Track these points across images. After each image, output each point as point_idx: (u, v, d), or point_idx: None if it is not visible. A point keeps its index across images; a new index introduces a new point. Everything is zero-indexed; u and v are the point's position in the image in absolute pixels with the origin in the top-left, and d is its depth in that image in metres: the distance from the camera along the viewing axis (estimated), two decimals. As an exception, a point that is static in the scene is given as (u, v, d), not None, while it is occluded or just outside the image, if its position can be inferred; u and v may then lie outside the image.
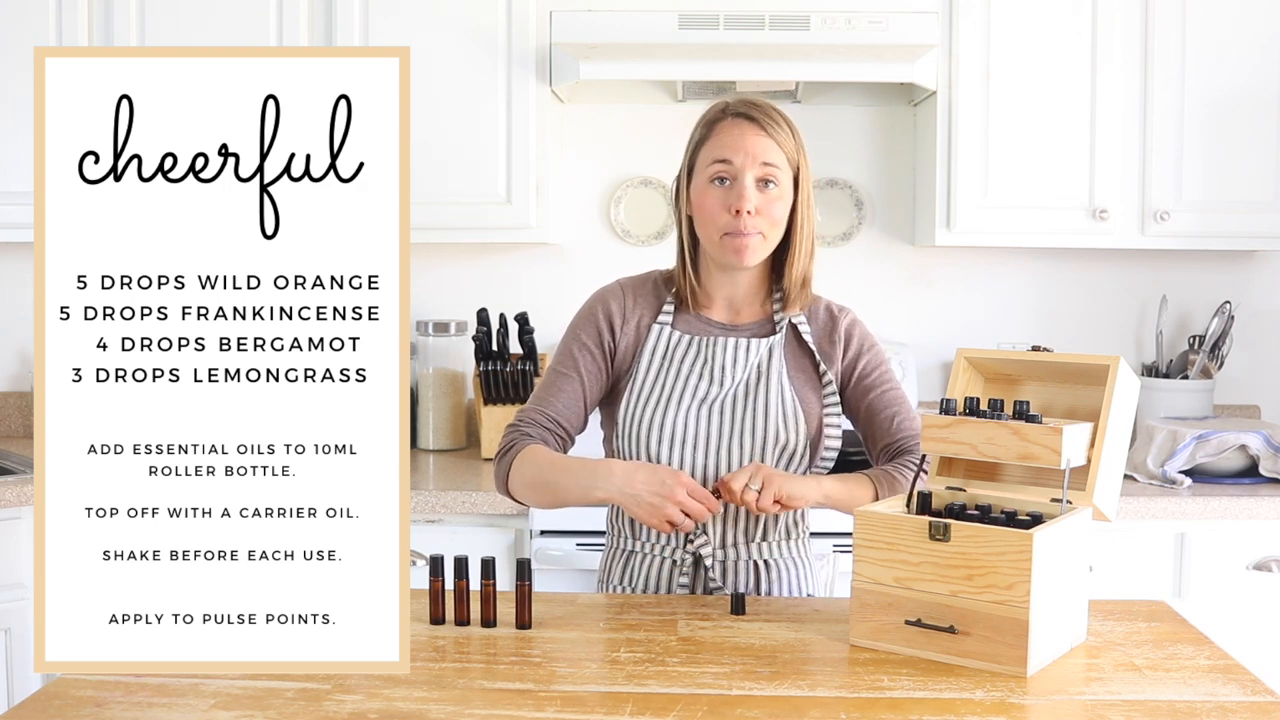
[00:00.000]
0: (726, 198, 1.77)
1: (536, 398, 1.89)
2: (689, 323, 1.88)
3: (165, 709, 1.34)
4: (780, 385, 1.83)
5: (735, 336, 1.86)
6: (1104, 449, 1.56)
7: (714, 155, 1.79)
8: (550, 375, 1.89)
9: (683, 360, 1.85)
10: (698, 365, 1.84)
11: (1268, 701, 1.39)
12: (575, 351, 1.88)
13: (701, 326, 1.88)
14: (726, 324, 1.88)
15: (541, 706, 1.36)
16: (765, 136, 1.77)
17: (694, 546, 1.83)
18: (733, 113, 1.80)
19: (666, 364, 1.85)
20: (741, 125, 1.78)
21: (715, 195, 1.78)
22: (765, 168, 1.77)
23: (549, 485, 1.77)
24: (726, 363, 1.83)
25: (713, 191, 1.78)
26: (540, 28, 2.88)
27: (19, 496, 2.63)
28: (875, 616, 1.54)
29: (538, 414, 1.86)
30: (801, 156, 1.81)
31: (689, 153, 1.85)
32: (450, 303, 3.26)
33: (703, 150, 1.81)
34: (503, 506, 2.60)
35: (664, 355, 1.85)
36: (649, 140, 3.23)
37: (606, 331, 1.88)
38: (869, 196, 3.25)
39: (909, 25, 2.84)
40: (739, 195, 1.76)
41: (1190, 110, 2.86)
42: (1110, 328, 3.25)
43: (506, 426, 1.88)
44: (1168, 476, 2.71)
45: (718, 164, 1.78)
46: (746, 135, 1.77)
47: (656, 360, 1.85)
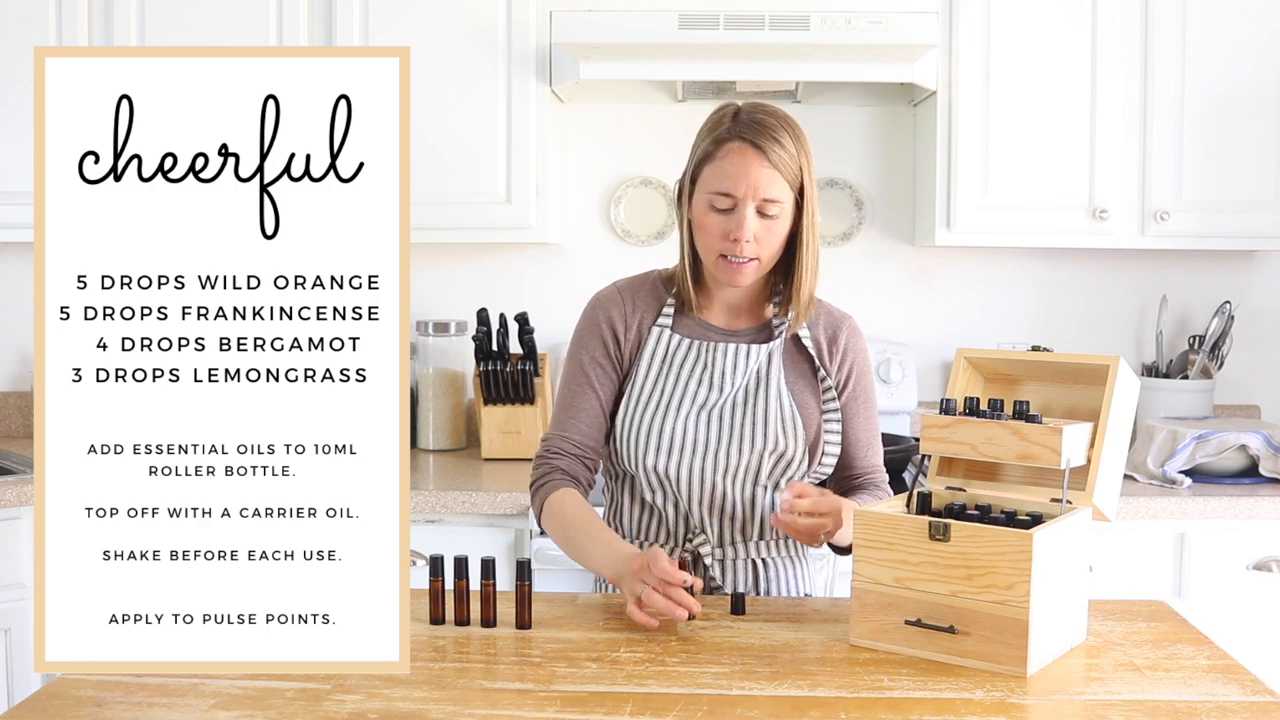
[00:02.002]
0: (725, 224, 1.76)
1: (558, 422, 1.89)
2: (688, 326, 1.87)
3: (165, 709, 1.34)
4: (779, 392, 1.83)
5: (735, 342, 1.85)
6: (1104, 449, 1.56)
7: (716, 184, 1.76)
8: (566, 395, 1.89)
9: (682, 365, 1.84)
10: (697, 370, 1.83)
11: (1268, 701, 1.39)
12: (586, 367, 1.88)
13: (701, 330, 1.87)
14: (725, 328, 1.88)
15: (541, 706, 1.36)
16: (768, 168, 1.74)
17: (693, 545, 1.83)
18: (738, 135, 1.76)
19: (666, 368, 1.84)
20: (746, 154, 1.74)
21: (715, 219, 1.77)
22: (765, 203, 1.75)
23: (571, 545, 1.79)
24: (726, 369, 1.83)
25: (713, 215, 1.77)
26: (540, 28, 2.88)
27: (19, 496, 2.63)
28: (875, 616, 1.54)
29: (563, 442, 1.87)
30: (806, 174, 1.78)
31: (693, 162, 1.82)
32: (450, 303, 3.26)
33: (706, 170, 1.78)
34: (503, 507, 2.60)
35: (663, 359, 1.85)
36: (649, 140, 3.23)
37: (612, 342, 1.88)
38: (869, 196, 3.25)
39: (909, 25, 2.84)
40: (738, 224, 1.75)
41: (1190, 110, 2.86)
42: (1110, 328, 3.25)
43: (536, 456, 1.90)
44: (1168, 476, 2.71)
45: (718, 194, 1.76)
46: (750, 166, 1.74)
47: (656, 364, 1.85)
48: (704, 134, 1.82)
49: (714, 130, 1.79)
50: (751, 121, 1.77)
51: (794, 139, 1.77)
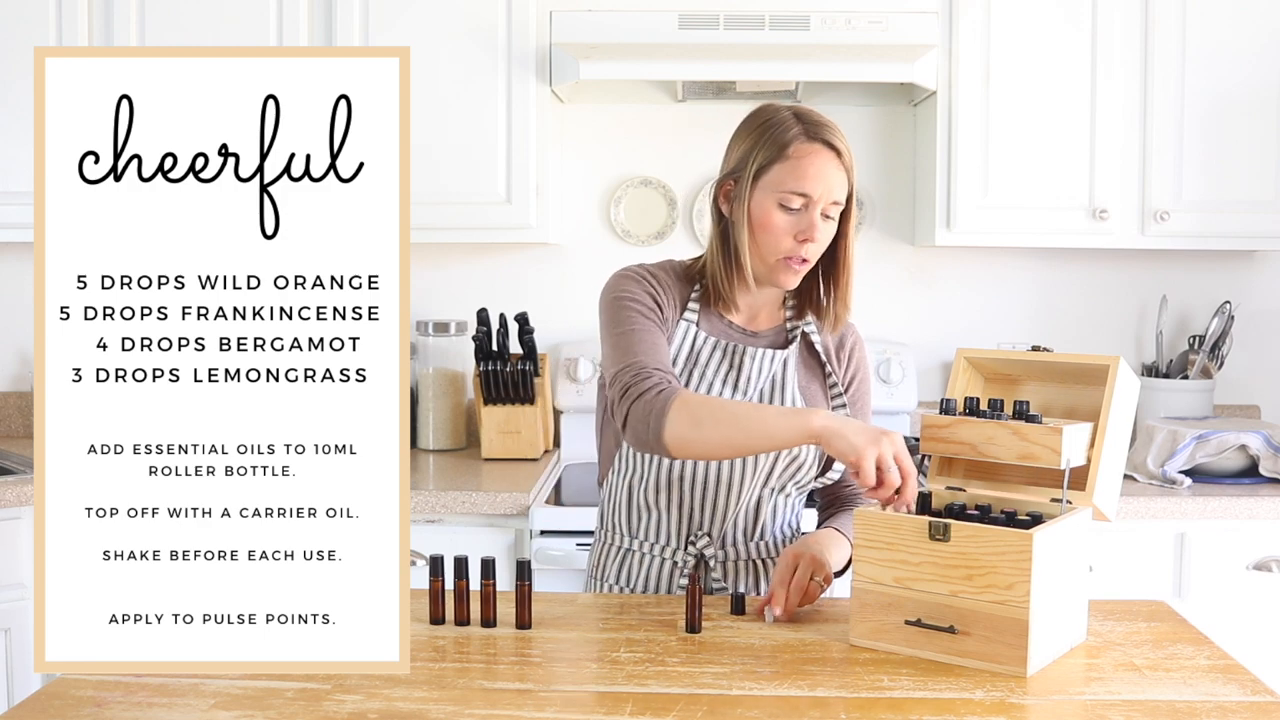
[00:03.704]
0: (796, 224, 1.74)
1: (646, 354, 1.72)
2: (713, 324, 1.85)
3: (165, 709, 1.34)
4: (794, 397, 1.83)
5: (756, 344, 1.85)
6: (1104, 449, 1.56)
7: (793, 184, 1.72)
8: (637, 335, 1.75)
9: (708, 364, 1.82)
10: (723, 371, 1.82)
11: (1268, 701, 1.39)
12: (646, 314, 1.78)
13: (724, 329, 1.85)
14: (745, 329, 1.87)
15: (541, 706, 1.36)
16: (843, 171, 1.74)
17: (697, 548, 1.83)
18: (812, 136, 1.74)
19: (692, 365, 1.82)
20: (823, 156, 1.73)
21: (783, 219, 1.74)
22: (833, 205, 1.75)
23: (736, 419, 1.62)
24: (752, 373, 1.82)
25: (780, 215, 1.74)
26: (540, 28, 2.88)
27: (19, 496, 2.63)
28: (875, 616, 1.54)
29: (660, 372, 1.70)
30: (854, 179, 1.78)
31: (753, 163, 1.75)
32: (450, 303, 3.27)
33: (777, 170, 1.73)
34: (503, 507, 2.60)
35: (689, 356, 1.82)
36: (649, 140, 3.23)
37: (655, 308, 1.80)
38: (869, 196, 3.25)
39: (909, 25, 2.84)
40: (810, 225, 1.73)
41: (1190, 110, 2.86)
42: (1110, 328, 3.25)
43: (631, 374, 1.69)
44: (1168, 476, 2.71)
45: (795, 195, 1.73)
46: (829, 170, 1.73)
47: (682, 360, 1.82)
48: (762, 133, 1.76)
49: (781, 130, 1.75)
50: (822, 124, 1.76)
51: (847, 146, 1.78)
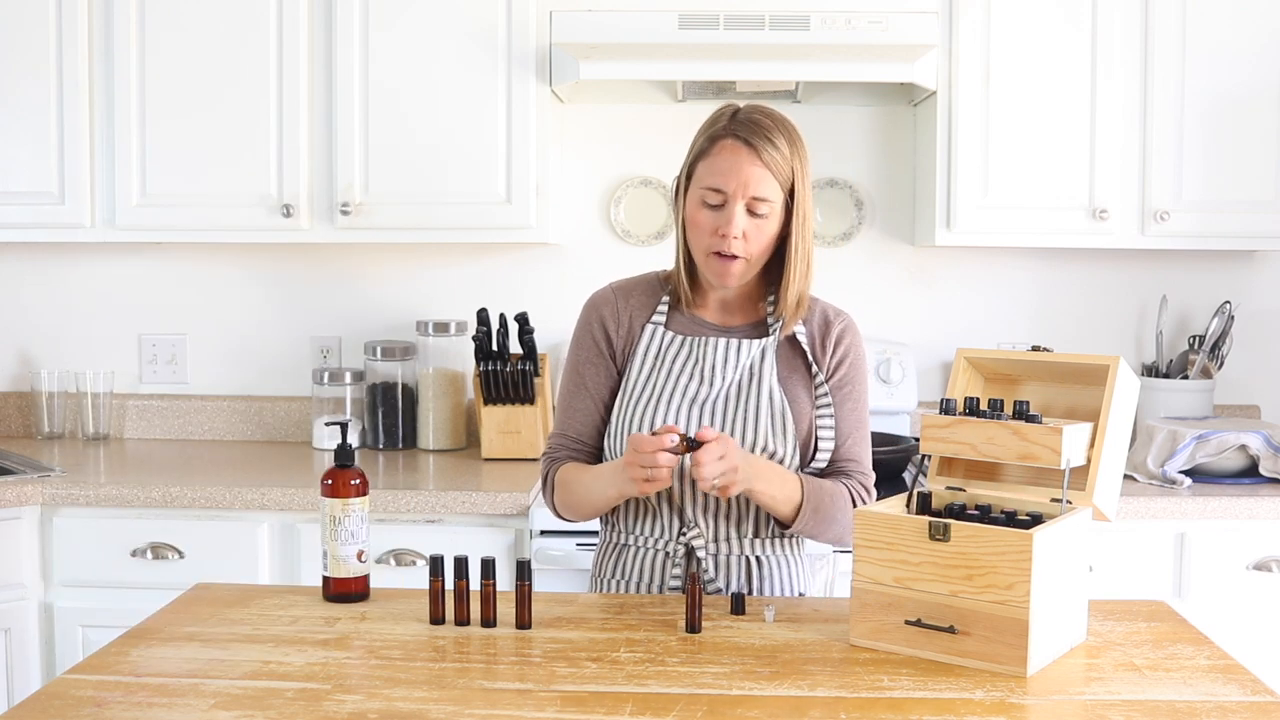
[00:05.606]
0: (715, 220, 1.79)
1: (558, 423, 1.95)
2: (682, 323, 1.89)
3: (165, 709, 1.34)
4: (770, 389, 1.83)
5: (727, 337, 1.87)
6: (1104, 449, 1.56)
7: (708, 179, 1.79)
8: (563, 398, 1.94)
9: (674, 360, 1.86)
10: (688, 365, 1.85)
11: (1268, 701, 1.39)
12: (580, 368, 1.93)
13: (694, 326, 1.89)
14: (719, 325, 1.89)
15: (541, 706, 1.36)
16: (760, 166, 1.77)
17: (686, 539, 1.84)
18: (732, 133, 1.79)
19: (658, 364, 1.86)
20: (738, 152, 1.77)
21: (705, 215, 1.80)
22: (755, 201, 1.77)
23: (582, 498, 1.85)
24: (717, 362, 1.84)
25: (704, 211, 1.80)
26: (540, 28, 2.88)
27: (19, 496, 2.62)
28: (875, 616, 1.54)
29: (561, 439, 1.93)
30: (799, 177, 1.80)
31: (689, 160, 1.85)
32: (450, 303, 3.27)
33: (700, 166, 1.81)
34: (503, 507, 2.60)
35: (656, 355, 1.87)
36: (649, 140, 3.23)
37: (604, 341, 1.91)
38: (869, 196, 3.25)
39: (909, 25, 2.84)
40: (726, 220, 1.77)
41: (1190, 110, 2.86)
42: (1110, 328, 3.25)
43: (541, 456, 1.97)
44: (1168, 476, 2.71)
45: (710, 190, 1.79)
46: (741, 164, 1.77)
47: (649, 360, 1.87)
48: (701, 132, 1.85)
49: (710, 128, 1.83)
50: (747, 120, 1.80)
51: (789, 141, 1.79)
